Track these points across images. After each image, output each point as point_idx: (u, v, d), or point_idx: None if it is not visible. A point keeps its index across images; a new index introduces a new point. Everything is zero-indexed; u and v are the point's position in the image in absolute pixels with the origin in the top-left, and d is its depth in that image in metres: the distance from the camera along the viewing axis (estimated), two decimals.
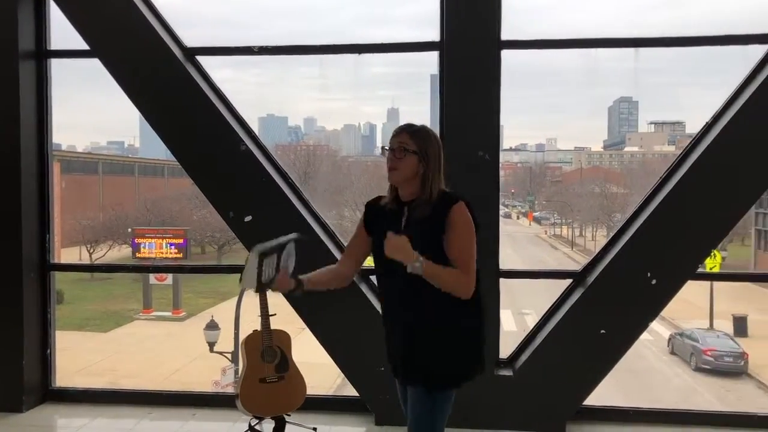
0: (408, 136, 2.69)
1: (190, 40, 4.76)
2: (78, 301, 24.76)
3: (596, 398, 4.56)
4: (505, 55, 4.38)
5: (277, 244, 2.87)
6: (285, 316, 4.47)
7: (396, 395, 2.92)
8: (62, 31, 4.88)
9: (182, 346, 20.04)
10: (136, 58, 4.71)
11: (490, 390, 4.28)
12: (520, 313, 20.69)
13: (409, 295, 2.67)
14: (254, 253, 2.74)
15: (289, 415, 4.20)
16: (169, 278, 23.54)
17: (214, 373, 15.81)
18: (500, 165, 4.43)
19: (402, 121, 2.86)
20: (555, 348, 4.41)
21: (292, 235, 3.00)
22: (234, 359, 15.43)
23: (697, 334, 20.28)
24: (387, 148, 2.71)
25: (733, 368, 19.02)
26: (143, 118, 4.73)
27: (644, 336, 5.41)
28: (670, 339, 21.33)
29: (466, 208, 2.64)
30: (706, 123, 4.38)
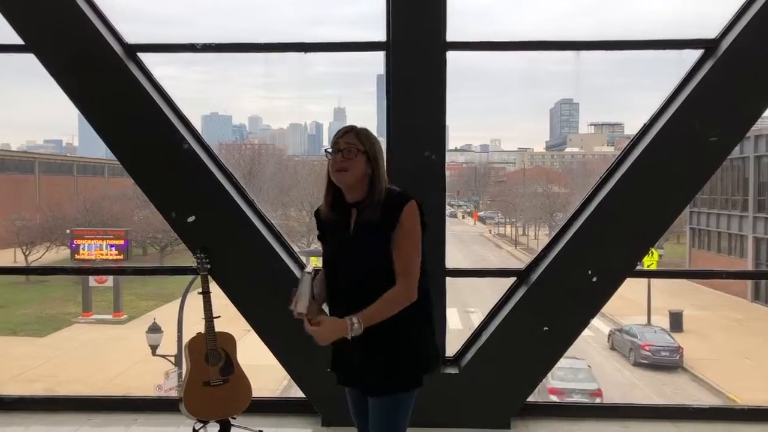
0: (355, 136, 2.65)
1: (132, 37, 4.64)
2: (12, 305, 23.95)
3: (540, 394, 4.64)
4: (451, 56, 4.42)
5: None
6: (229, 319, 4.42)
7: (341, 394, 2.90)
8: None
9: (124, 350, 19.61)
10: (73, 54, 4.55)
11: (435, 388, 4.29)
12: (465, 311, 20.96)
13: (356, 298, 2.62)
14: (307, 275, 2.69)
15: (235, 418, 4.14)
16: (109, 280, 23.01)
17: (156, 376, 15.51)
18: (446, 165, 4.47)
19: (349, 121, 2.86)
20: (500, 345, 4.47)
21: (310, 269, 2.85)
22: (177, 362, 15.19)
23: (635, 329, 20.95)
24: (330, 150, 2.66)
25: (669, 362, 19.71)
26: (82, 116, 4.59)
27: (585, 332, 5.54)
28: (610, 335, 21.97)
29: (417, 209, 2.63)
30: (644, 125, 4.51)
